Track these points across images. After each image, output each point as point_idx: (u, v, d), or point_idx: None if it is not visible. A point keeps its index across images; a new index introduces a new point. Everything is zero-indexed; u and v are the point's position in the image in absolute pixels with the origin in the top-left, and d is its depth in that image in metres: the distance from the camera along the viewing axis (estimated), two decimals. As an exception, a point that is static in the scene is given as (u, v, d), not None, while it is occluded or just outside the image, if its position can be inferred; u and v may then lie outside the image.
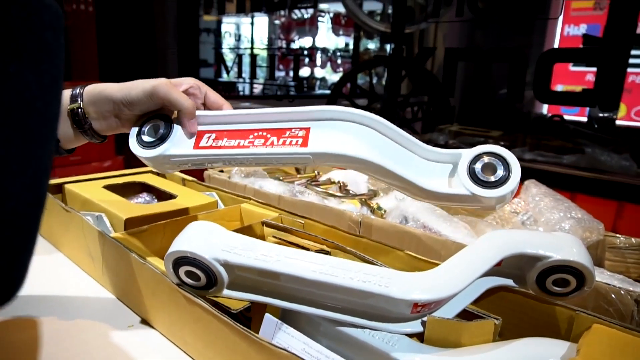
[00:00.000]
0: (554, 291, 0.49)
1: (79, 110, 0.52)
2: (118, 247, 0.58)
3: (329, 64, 4.34)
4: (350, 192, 0.99)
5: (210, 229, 0.48)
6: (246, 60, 2.71)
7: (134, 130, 0.53)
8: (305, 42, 3.84)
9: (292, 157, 0.49)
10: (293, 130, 0.50)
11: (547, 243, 0.48)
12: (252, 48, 2.98)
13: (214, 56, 3.69)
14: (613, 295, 0.56)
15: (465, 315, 0.48)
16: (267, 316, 0.46)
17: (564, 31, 3.00)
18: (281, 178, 1.05)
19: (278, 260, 0.44)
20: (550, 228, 0.72)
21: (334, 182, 1.02)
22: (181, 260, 0.46)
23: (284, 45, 3.67)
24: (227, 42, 3.56)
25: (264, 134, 0.50)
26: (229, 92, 3.77)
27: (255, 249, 0.46)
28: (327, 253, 0.62)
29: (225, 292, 0.47)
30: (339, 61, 4.34)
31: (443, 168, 0.49)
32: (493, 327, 0.45)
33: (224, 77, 3.57)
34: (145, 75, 0.54)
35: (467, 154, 0.47)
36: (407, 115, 1.87)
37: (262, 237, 0.69)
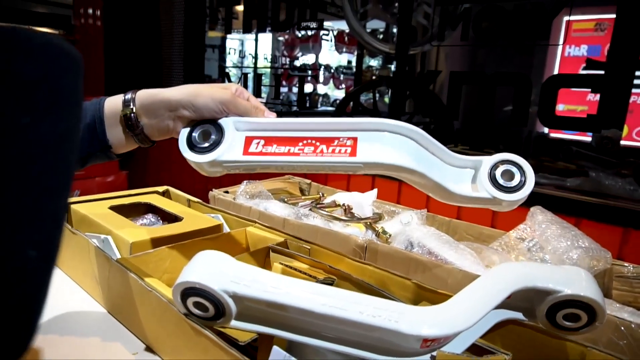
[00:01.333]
0: (564, 326, 0.48)
1: (132, 115, 0.53)
2: (123, 271, 0.58)
3: (331, 81, 4.38)
4: (355, 215, 0.99)
5: (219, 259, 0.48)
6: (251, 77, 2.73)
7: (183, 135, 0.54)
8: (308, 59, 3.88)
9: (344, 166, 0.52)
10: (341, 139, 0.52)
11: (558, 277, 0.48)
12: (255, 67, 3.01)
13: (218, 72, 3.72)
14: (623, 329, 0.55)
15: (474, 349, 0.48)
16: (275, 349, 0.46)
17: (565, 52, 3.02)
18: (286, 200, 1.05)
19: (287, 293, 0.44)
20: (558, 258, 0.71)
21: (338, 205, 1.02)
22: (189, 291, 0.45)
23: (287, 62, 3.70)
24: (231, 58, 3.60)
25: (313, 142, 0.52)
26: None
27: (264, 280, 0.45)
28: (333, 281, 0.61)
29: (233, 323, 0.47)
30: (341, 77, 4.38)
31: (467, 173, 0.55)
32: (503, 362, 0.44)
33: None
34: (151, 87, 0.56)
35: (487, 161, 0.53)
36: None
37: (269, 262, 0.69)
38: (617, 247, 1.04)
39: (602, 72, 1.13)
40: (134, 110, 0.53)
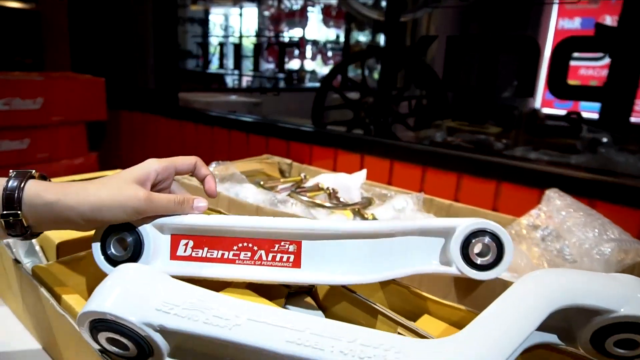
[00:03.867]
0: (615, 354, 0.36)
1: (18, 221, 0.38)
2: (35, 287, 0.44)
3: (319, 57, 4.19)
4: (342, 200, 0.86)
5: (144, 277, 0.35)
6: (231, 50, 2.55)
7: (96, 247, 0.42)
8: (294, 33, 3.70)
9: (283, 279, 0.42)
10: (282, 244, 0.43)
11: (609, 291, 0.35)
12: (240, 37, 2.82)
13: (200, 47, 3.52)
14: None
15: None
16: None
17: (559, 25, 2.90)
18: (262, 183, 0.91)
19: (237, 325, 0.31)
20: (585, 252, 0.59)
21: (322, 189, 0.88)
22: (99, 325, 0.32)
23: (273, 37, 3.52)
24: (214, 32, 3.40)
25: (251, 245, 0.42)
26: (216, 84, 3.61)
27: (207, 307, 0.32)
28: (310, 290, 0.49)
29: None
30: (329, 54, 4.19)
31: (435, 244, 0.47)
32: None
33: (212, 69, 3.41)
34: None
35: (460, 231, 0.44)
36: (402, 109, 1.74)
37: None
38: (636, 233, 0.93)
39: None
40: (20, 216, 0.38)
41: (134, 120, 2.20)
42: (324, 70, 3.99)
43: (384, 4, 1.68)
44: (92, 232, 0.44)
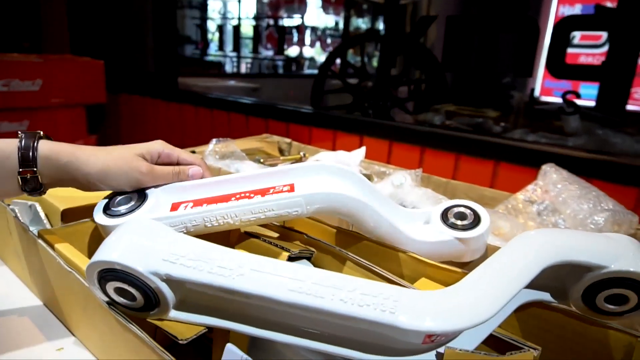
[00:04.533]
0: (605, 309, 0.38)
1: (35, 178, 0.42)
2: (43, 248, 0.45)
3: (318, 44, 4.17)
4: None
5: (150, 230, 0.36)
6: (230, 32, 2.54)
7: (100, 204, 0.45)
8: (293, 19, 3.68)
9: (281, 203, 0.45)
10: (277, 187, 0.47)
11: (601, 248, 0.36)
12: (239, 19, 2.80)
13: (199, 30, 3.49)
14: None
15: (492, 341, 0.37)
16: (229, 347, 0.34)
17: (559, 11, 2.89)
18: (262, 160, 0.92)
19: (241, 275, 0.32)
20: (579, 222, 0.60)
21: (321, 166, 0.89)
22: (108, 274, 0.33)
23: (272, 23, 3.50)
24: (213, 16, 3.38)
25: (248, 194, 0.46)
26: (215, 70, 3.59)
27: (211, 258, 0.33)
28: (311, 255, 0.50)
29: (173, 314, 0.35)
30: (328, 40, 4.17)
31: (419, 217, 0.53)
32: (532, 359, 0.34)
33: (211, 53, 3.39)
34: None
35: (437, 209, 0.51)
36: (401, 94, 1.74)
37: (232, 233, 0.57)
38: (631, 209, 0.94)
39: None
40: (37, 173, 0.42)
41: (133, 104, 2.20)
42: (322, 57, 3.98)
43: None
44: (101, 192, 0.45)
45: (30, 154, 0.41)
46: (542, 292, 0.40)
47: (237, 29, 2.68)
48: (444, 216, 0.50)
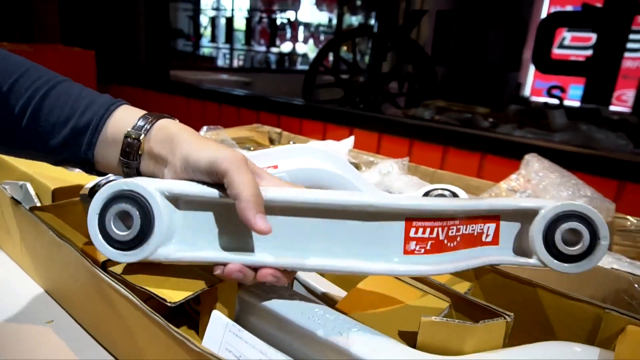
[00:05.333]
0: (567, 252, 0.37)
1: (135, 142, 0.37)
2: (35, 222, 0.46)
3: (311, 40, 4.18)
4: (329, 165, 0.88)
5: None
6: (223, 24, 2.54)
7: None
8: (287, 15, 3.68)
9: None
10: (263, 167, 0.46)
11: (542, 199, 0.38)
12: (232, 11, 2.80)
13: (192, 22, 3.49)
14: (637, 286, 0.47)
15: (466, 307, 0.39)
16: (215, 314, 0.36)
17: (551, 10, 2.93)
18: (252, 149, 0.93)
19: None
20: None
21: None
22: (113, 199, 0.34)
23: (265, 18, 3.50)
24: (206, 10, 3.37)
25: None
26: (208, 63, 3.58)
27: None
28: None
29: (162, 251, 0.34)
30: (321, 37, 4.18)
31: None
32: (504, 326, 0.35)
33: (204, 45, 3.38)
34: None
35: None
36: (392, 90, 1.76)
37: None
38: (612, 200, 0.97)
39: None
40: (141, 138, 0.37)
41: (125, 95, 2.19)
42: (315, 54, 3.98)
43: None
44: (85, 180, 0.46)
45: (146, 123, 0.38)
46: (504, 250, 0.39)
47: (230, 22, 2.69)
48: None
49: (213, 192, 0.35)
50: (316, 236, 0.35)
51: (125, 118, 0.39)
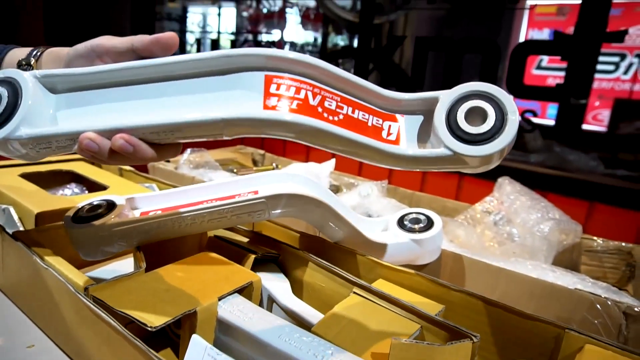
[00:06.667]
0: (474, 132, 0.33)
1: (28, 67, 0.42)
2: (18, 247, 0.47)
3: (297, 59, 4.23)
4: (311, 187, 0.90)
5: None
6: (209, 46, 2.57)
7: (70, 212, 0.42)
8: (273, 35, 3.74)
9: (245, 205, 0.47)
10: (242, 194, 0.49)
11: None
12: (218, 33, 2.84)
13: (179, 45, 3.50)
14: (599, 307, 0.49)
15: (434, 327, 0.40)
16: (195, 338, 0.37)
17: (528, 35, 3.04)
18: (235, 170, 0.95)
19: None
20: (528, 230, 0.65)
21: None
22: None
23: (251, 38, 3.55)
24: (193, 30, 3.41)
25: (213, 201, 0.48)
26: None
27: None
28: (277, 257, 0.53)
29: (25, 130, 0.35)
30: (307, 56, 4.24)
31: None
32: (471, 347, 0.37)
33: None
34: None
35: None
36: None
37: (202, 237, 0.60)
38: (582, 221, 1.01)
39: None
40: (32, 62, 0.42)
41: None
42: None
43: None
44: (75, 197, 0.47)
45: (37, 51, 0.43)
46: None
47: (216, 42, 2.72)
48: (401, 222, 0.54)
49: (82, 70, 0.36)
50: (172, 96, 0.36)
51: (18, 53, 0.44)
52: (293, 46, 4.16)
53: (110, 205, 0.47)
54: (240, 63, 0.35)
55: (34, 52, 0.43)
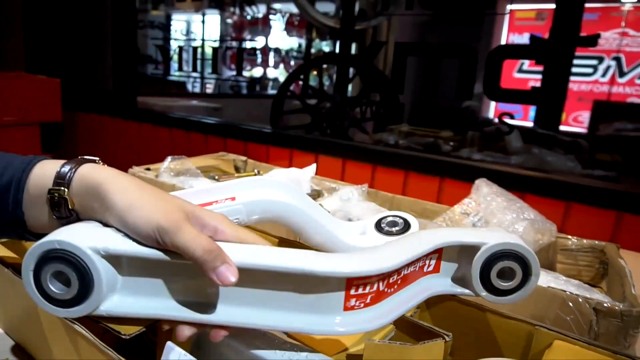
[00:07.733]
0: (501, 287, 0.40)
1: (63, 199, 0.36)
2: (-10, 259, 0.46)
3: (282, 65, 4.25)
4: (292, 192, 0.91)
5: (89, 224, 0.37)
6: (191, 53, 2.57)
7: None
8: (257, 42, 3.75)
9: (223, 211, 0.48)
10: (220, 200, 0.49)
11: (480, 232, 0.42)
12: (203, 41, 2.84)
13: (160, 51, 3.50)
14: (570, 304, 0.51)
15: (410, 327, 0.41)
16: (168, 345, 0.37)
17: (509, 39, 3.10)
18: (217, 177, 0.95)
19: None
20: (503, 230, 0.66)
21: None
22: (46, 257, 0.34)
23: (234, 42, 3.55)
24: (176, 37, 3.40)
25: None
26: (178, 89, 3.59)
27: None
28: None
29: (107, 305, 0.35)
30: (292, 62, 4.26)
31: (353, 234, 0.56)
32: (443, 346, 0.38)
33: (173, 73, 3.39)
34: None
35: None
36: (359, 115, 1.82)
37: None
38: (559, 220, 1.03)
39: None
40: (66, 194, 0.36)
41: (91, 122, 2.18)
42: (283, 80, 4.04)
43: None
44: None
45: (67, 173, 0.36)
46: (454, 285, 0.43)
47: (200, 50, 2.72)
48: (378, 225, 0.55)
49: (156, 254, 0.34)
50: (259, 301, 0.36)
51: (44, 172, 0.37)
52: (277, 52, 4.18)
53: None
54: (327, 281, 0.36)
55: (66, 179, 0.36)
